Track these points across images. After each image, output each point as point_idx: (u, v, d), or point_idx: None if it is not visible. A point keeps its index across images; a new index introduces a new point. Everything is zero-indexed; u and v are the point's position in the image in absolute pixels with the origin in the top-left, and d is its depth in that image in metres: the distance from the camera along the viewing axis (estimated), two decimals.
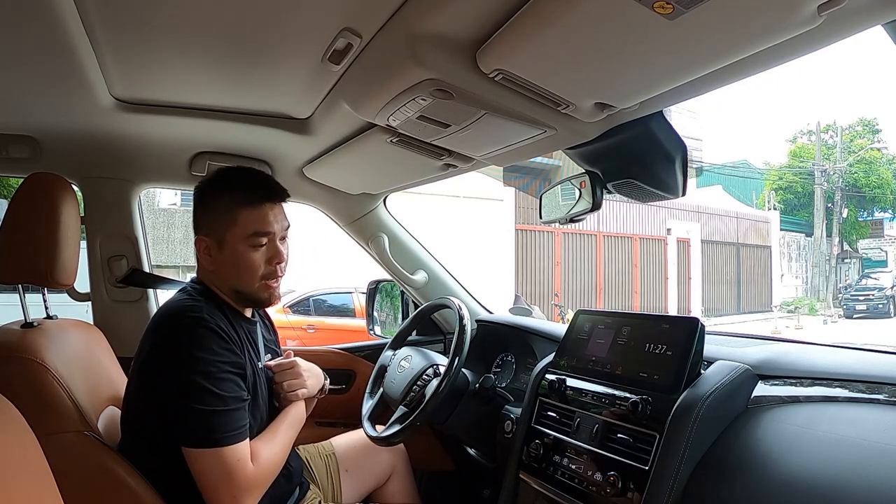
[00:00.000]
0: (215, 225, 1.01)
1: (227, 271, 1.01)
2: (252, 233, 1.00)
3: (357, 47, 0.82)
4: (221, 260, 1.01)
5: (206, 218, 1.03)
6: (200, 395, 0.88)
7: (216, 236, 1.01)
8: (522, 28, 0.64)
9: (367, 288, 1.80)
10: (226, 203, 1.00)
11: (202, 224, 1.03)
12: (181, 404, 0.88)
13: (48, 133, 1.24)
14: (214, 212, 1.01)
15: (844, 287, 16.99)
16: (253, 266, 1.00)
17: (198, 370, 0.89)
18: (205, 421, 0.88)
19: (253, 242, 1.00)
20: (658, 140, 0.91)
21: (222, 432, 0.88)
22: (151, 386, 0.93)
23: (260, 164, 1.42)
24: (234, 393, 0.91)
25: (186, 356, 0.89)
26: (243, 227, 0.99)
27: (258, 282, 1.02)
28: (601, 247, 11.67)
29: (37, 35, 0.82)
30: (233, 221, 0.99)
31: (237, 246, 1.00)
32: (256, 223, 1.00)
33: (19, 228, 1.00)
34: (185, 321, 0.92)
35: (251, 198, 1.00)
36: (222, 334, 0.93)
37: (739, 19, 0.56)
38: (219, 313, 0.97)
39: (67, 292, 1.27)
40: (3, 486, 0.56)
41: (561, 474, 0.98)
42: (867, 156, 18.74)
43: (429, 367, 1.27)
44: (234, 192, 1.01)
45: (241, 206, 1.00)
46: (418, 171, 1.28)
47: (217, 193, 1.02)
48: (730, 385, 0.85)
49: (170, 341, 0.92)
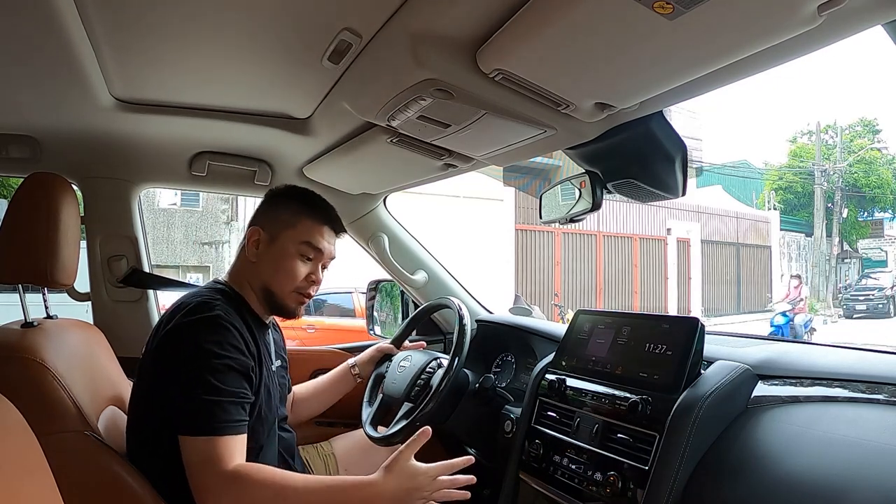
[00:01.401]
0: (275, 222, 1.06)
1: (267, 267, 1.04)
2: (306, 240, 1.05)
3: (357, 47, 0.82)
4: (266, 255, 1.05)
5: (269, 214, 1.08)
6: (200, 384, 0.87)
7: (272, 232, 1.05)
8: (522, 28, 0.64)
9: (367, 288, 1.80)
10: (294, 209, 1.07)
11: (262, 218, 1.08)
12: (180, 392, 0.88)
13: (48, 133, 1.24)
14: (280, 212, 1.07)
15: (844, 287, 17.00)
16: (293, 272, 1.04)
17: (202, 362, 0.88)
18: (199, 409, 0.87)
19: (302, 251, 1.05)
20: (658, 140, 0.91)
21: (215, 422, 0.87)
22: (157, 376, 0.92)
23: (260, 164, 1.42)
24: (234, 387, 0.90)
25: (194, 347, 0.89)
26: (300, 232, 1.05)
27: (291, 290, 1.04)
28: (601, 247, 11.67)
29: (37, 35, 0.82)
30: (293, 225, 1.05)
31: (288, 247, 1.04)
32: (313, 234, 1.06)
33: (19, 228, 1.00)
34: (198, 314, 0.92)
35: (319, 215, 1.08)
36: (234, 331, 0.93)
37: (739, 19, 0.56)
38: (235, 313, 0.97)
39: (67, 292, 1.27)
40: (3, 486, 0.56)
41: (561, 474, 0.98)
42: (867, 156, 18.75)
43: (432, 361, 1.27)
44: (305, 204, 1.08)
45: (306, 216, 1.06)
46: (418, 171, 1.28)
47: (289, 200, 1.09)
48: (730, 385, 0.85)
49: (181, 333, 0.92)
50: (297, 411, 1.32)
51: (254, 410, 0.97)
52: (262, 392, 0.99)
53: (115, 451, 0.90)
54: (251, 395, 0.95)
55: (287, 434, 1.14)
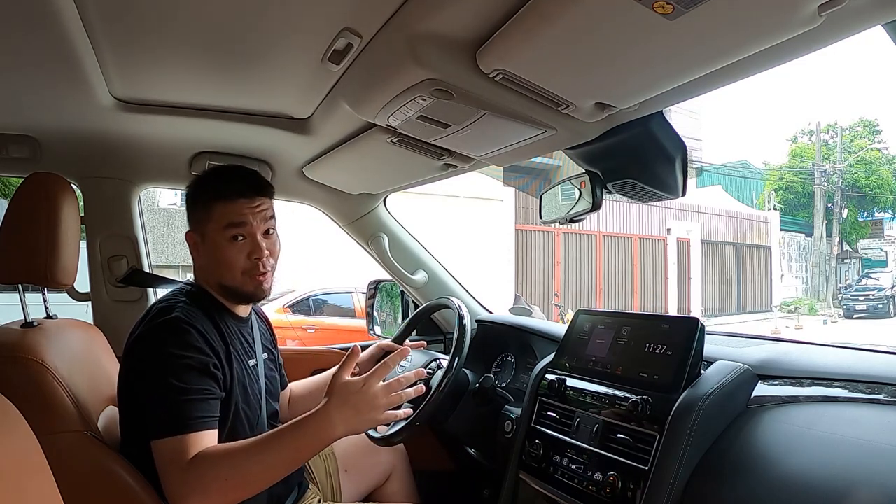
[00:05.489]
0: (198, 221, 1.04)
1: (210, 266, 1.04)
2: (226, 224, 1.01)
3: (357, 47, 0.82)
4: (205, 254, 1.03)
5: (191, 215, 1.06)
6: (163, 388, 0.87)
7: (199, 231, 1.04)
8: (522, 28, 0.64)
9: (367, 288, 1.80)
10: (204, 199, 1.03)
11: (190, 220, 1.06)
12: (146, 399, 0.88)
13: (48, 133, 1.24)
14: (196, 209, 1.04)
15: (844, 287, 17.00)
16: (230, 260, 1.01)
17: (163, 366, 0.88)
18: (164, 412, 0.86)
19: (228, 235, 1.01)
20: (658, 140, 0.91)
21: (178, 421, 0.85)
22: (129, 383, 0.94)
23: (260, 164, 1.42)
24: (197, 385, 0.89)
25: (155, 352, 0.90)
26: (218, 219, 1.01)
27: (240, 276, 1.02)
28: (601, 247, 11.67)
29: (37, 35, 0.82)
30: (209, 215, 1.02)
31: (216, 239, 1.01)
32: (230, 215, 1.00)
33: (19, 228, 1.00)
34: (158, 320, 0.93)
35: (225, 192, 1.02)
36: (193, 332, 0.93)
37: (739, 19, 0.56)
38: (199, 312, 0.97)
39: (67, 292, 1.27)
40: (3, 486, 0.56)
41: (561, 474, 0.98)
42: (867, 156, 18.75)
43: (431, 362, 1.27)
44: (210, 189, 1.04)
45: (216, 199, 1.01)
46: (418, 171, 1.28)
47: (198, 191, 1.05)
48: (730, 385, 0.85)
49: (143, 339, 0.93)
50: (294, 409, 1.32)
51: (229, 408, 0.96)
52: (235, 389, 0.98)
53: (114, 450, 0.90)
54: (219, 392, 0.94)
55: None
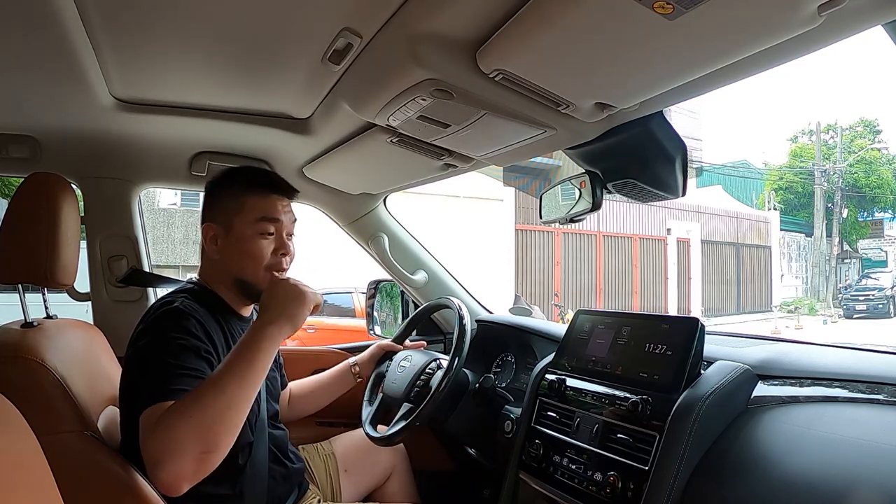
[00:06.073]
0: (224, 211, 1.03)
1: (231, 259, 1.03)
2: (260, 217, 1.02)
3: (357, 47, 0.82)
4: (227, 247, 1.03)
5: (215, 206, 1.05)
6: (154, 364, 0.86)
7: (224, 222, 1.03)
8: (522, 28, 0.64)
9: (367, 288, 1.80)
10: (235, 191, 1.04)
11: (210, 211, 1.05)
12: (138, 376, 0.87)
13: (48, 133, 1.24)
14: (224, 199, 1.04)
15: (844, 287, 17.00)
16: (259, 253, 1.02)
17: (161, 347, 0.88)
18: (152, 383, 0.84)
19: (260, 229, 1.02)
20: (658, 140, 0.91)
21: (163, 390, 0.83)
22: (132, 377, 0.92)
23: (260, 163, 1.42)
24: (189, 364, 0.87)
25: (155, 337, 0.90)
26: (251, 211, 1.02)
27: (262, 271, 1.02)
28: (601, 247, 11.67)
29: (37, 35, 0.82)
30: (241, 207, 1.02)
31: (245, 231, 1.02)
32: (265, 209, 1.03)
33: (19, 228, 1.00)
34: (159, 312, 0.93)
35: (260, 188, 1.04)
36: (193, 319, 0.92)
37: (739, 19, 0.56)
38: (201, 308, 0.97)
39: (67, 292, 1.27)
40: (3, 486, 0.56)
41: (561, 474, 0.98)
42: (867, 156, 18.75)
43: (431, 362, 1.27)
44: (244, 181, 1.05)
45: (250, 193, 1.03)
46: (418, 171, 1.28)
47: (227, 184, 1.06)
48: (730, 385, 0.85)
49: (145, 331, 0.93)
50: (294, 408, 1.32)
51: None
52: None
53: (114, 451, 0.90)
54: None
55: (279, 431, 1.14)
